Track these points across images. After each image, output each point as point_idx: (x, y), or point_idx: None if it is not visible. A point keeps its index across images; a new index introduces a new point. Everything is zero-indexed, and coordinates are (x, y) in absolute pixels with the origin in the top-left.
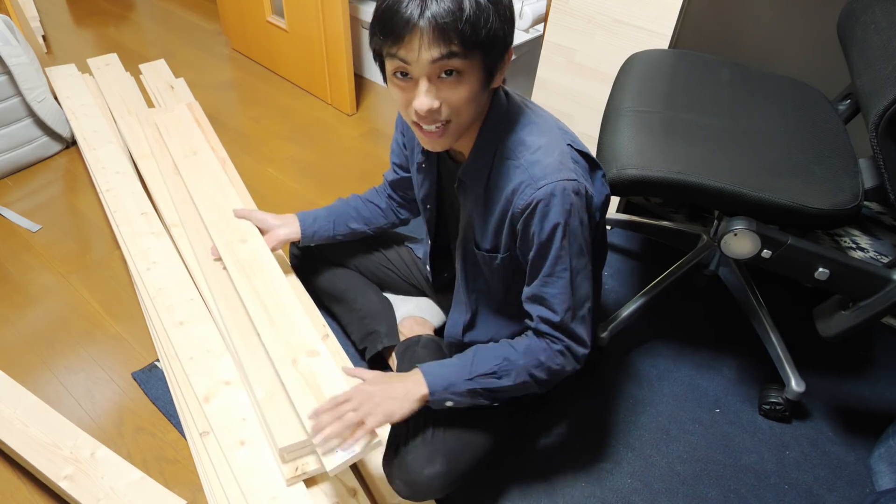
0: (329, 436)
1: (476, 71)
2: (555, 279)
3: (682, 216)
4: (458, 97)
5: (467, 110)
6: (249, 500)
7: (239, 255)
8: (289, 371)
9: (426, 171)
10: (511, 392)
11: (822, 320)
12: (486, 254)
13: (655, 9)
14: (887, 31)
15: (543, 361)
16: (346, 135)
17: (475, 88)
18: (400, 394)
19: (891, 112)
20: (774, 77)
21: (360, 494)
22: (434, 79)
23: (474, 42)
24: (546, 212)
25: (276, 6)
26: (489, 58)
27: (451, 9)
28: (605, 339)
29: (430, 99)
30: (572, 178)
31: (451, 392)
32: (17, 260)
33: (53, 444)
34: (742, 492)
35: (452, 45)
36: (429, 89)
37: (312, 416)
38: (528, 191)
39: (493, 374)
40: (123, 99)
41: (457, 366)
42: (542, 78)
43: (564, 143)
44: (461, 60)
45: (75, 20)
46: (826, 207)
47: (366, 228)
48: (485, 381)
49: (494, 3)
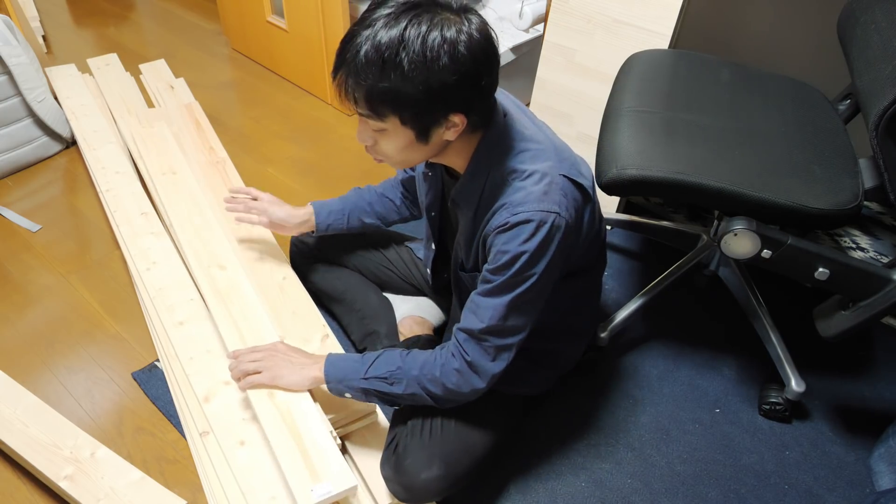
0: (232, 373)
1: (399, 130)
2: (496, 297)
3: (682, 216)
4: (389, 147)
5: (403, 156)
6: (249, 500)
7: (217, 283)
8: (265, 404)
9: (431, 180)
10: (404, 400)
11: (822, 320)
12: (469, 274)
13: (655, 9)
14: (887, 31)
15: (438, 377)
16: (346, 135)
17: (403, 143)
18: (297, 367)
19: (891, 112)
20: (774, 77)
21: (361, 494)
22: (364, 122)
23: (381, 106)
24: (514, 236)
25: (276, 6)
26: (407, 122)
27: (362, 65)
28: (605, 339)
29: (363, 138)
30: (553, 211)
31: (345, 385)
32: (17, 260)
33: (53, 444)
34: (742, 492)
35: (360, 106)
36: (361, 129)
37: (230, 356)
38: (504, 214)
39: (386, 379)
40: (123, 99)
41: (358, 363)
42: (542, 78)
43: (557, 174)
44: (375, 121)
45: (75, 20)
46: (826, 207)
47: (378, 223)
48: (377, 384)
49: (416, 62)
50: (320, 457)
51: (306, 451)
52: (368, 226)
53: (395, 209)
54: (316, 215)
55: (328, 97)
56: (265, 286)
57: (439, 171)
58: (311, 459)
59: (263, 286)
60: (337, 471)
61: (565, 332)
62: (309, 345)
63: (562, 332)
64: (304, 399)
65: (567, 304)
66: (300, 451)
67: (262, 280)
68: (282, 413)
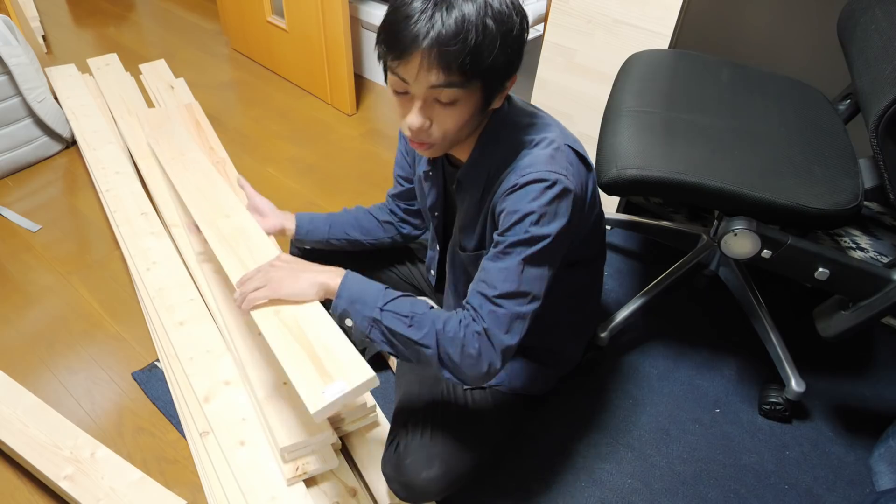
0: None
1: (473, 98)
2: (507, 258)
3: (682, 216)
4: (451, 122)
5: (458, 132)
6: (249, 500)
7: (222, 230)
8: (270, 321)
9: (433, 178)
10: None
11: (822, 320)
12: (471, 254)
13: (655, 9)
14: (887, 31)
15: (460, 337)
16: (346, 135)
17: (469, 114)
18: (304, 273)
19: (891, 112)
20: (774, 77)
21: (361, 494)
22: (429, 101)
23: (475, 73)
24: (523, 196)
25: (276, 6)
26: (489, 87)
27: (456, 35)
28: (605, 339)
29: (420, 119)
30: (561, 173)
31: (355, 307)
32: (17, 260)
33: (53, 444)
34: (742, 492)
35: (452, 74)
36: (422, 109)
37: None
38: (514, 177)
39: (406, 317)
40: (123, 99)
41: (379, 291)
42: (542, 78)
43: (563, 143)
44: (459, 90)
45: (75, 20)
46: (826, 208)
47: (363, 238)
48: (393, 320)
49: (504, 33)
50: (331, 357)
51: (316, 355)
52: (352, 241)
53: (379, 226)
54: (297, 219)
55: (328, 97)
56: None
57: (440, 168)
58: (322, 362)
59: None
60: (349, 366)
61: (566, 329)
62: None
63: (563, 329)
64: (312, 307)
65: (567, 298)
66: (309, 356)
67: None
68: (287, 325)
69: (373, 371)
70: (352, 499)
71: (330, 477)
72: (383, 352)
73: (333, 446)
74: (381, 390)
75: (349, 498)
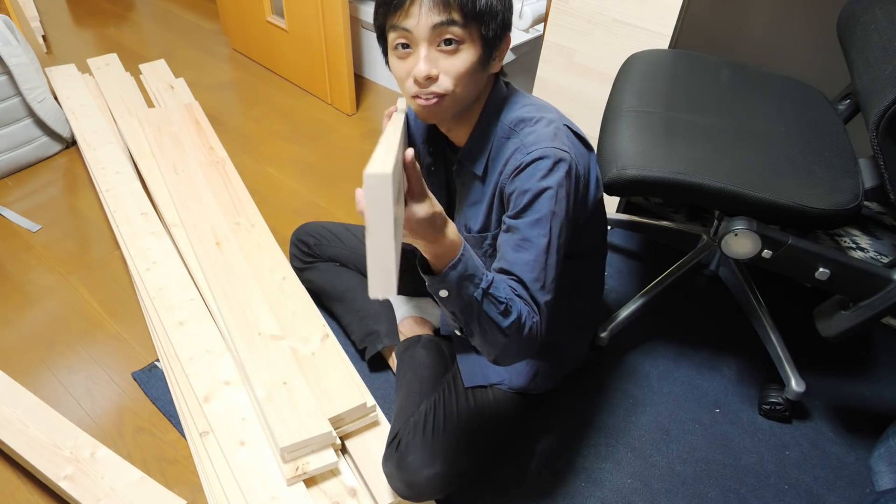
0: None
1: (474, 43)
2: (530, 244)
3: (682, 216)
4: (457, 68)
5: (464, 84)
6: (249, 500)
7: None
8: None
9: (435, 173)
10: (485, 332)
11: (822, 320)
12: (476, 235)
13: (655, 9)
14: (888, 31)
15: (526, 330)
16: (346, 135)
17: (473, 62)
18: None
19: (891, 112)
20: (774, 77)
21: (361, 494)
22: (434, 46)
23: (473, 12)
24: (534, 172)
25: (276, 6)
26: (487, 31)
27: None
28: (605, 339)
29: (428, 65)
30: (565, 150)
31: (464, 283)
32: (17, 260)
33: (53, 444)
34: (742, 492)
35: (452, 11)
36: (428, 55)
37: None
38: (519, 155)
39: (502, 304)
40: (123, 99)
41: (483, 274)
42: (542, 78)
43: (562, 122)
44: (460, 29)
45: (75, 20)
46: (827, 207)
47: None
48: (489, 306)
49: None
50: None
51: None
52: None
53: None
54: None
55: (328, 97)
56: (265, 286)
57: (442, 162)
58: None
59: (263, 286)
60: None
61: (567, 326)
62: (309, 345)
63: (564, 325)
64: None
65: (569, 294)
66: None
67: (262, 280)
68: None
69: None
70: (352, 499)
71: (330, 477)
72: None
73: (333, 446)
74: (380, 390)
75: (349, 498)
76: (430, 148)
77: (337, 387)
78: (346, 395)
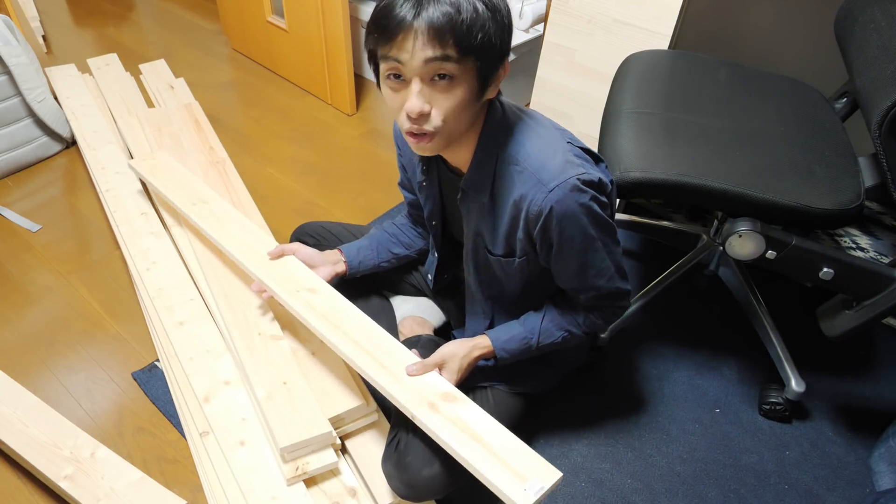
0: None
1: (469, 78)
2: (592, 267)
3: (682, 216)
4: (450, 103)
5: (457, 118)
6: (249, 500)
7: (317, 308)
8: (432, 417)
9: (427, 188)
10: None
11: (826, 320)
12: (501, 258)
13: (655, 9)
14: (887, 30)
15: (600, 323)
16: (346, 135)
17: (467, 96)
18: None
19: (894, 112)
20: (772, 76)
21: (361, 494)
22: (426, 81)
23: (469, 47)
24: (562, 213)
25: (276, 6)
26: (483, 65)
27: (448, 11)
28: (605, 339)
29: (421, 101)
30: (581, 172)
31: (515, 358)
32: (17, 260)
33: (53, 444)
34: (742, 492)
35: (448, 47)
36: (421, 91)
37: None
38: (539, 196)
39: (558, 344)
40: (123, 99)
41: (523, 341)
42: (542, 78)
43: (564, 142)
44: (455, 65)
45: (75, 20)
46: (830, 207)
47: (408, 252)
48: (547, 349)
49: (493, 10)
50: (515, 457)
51: (497, 453)
52: (400, 257)
53: (418, 234)
54: (346, 255)
55: (328, 97)
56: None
57: (435, 177)
58: (509, 463)
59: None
60: (537, 466)
61: None
62: (309, 344)
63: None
64: (479, 411)
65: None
66: (498, 459)
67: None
68: (454, 422)
69: (559, 472)
70: (352, 499)
71: (330, 477)
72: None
73: (333, 446)
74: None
75: (349, 498)
76: (423, 166)
77: (337, 387)
78: (346, 395)
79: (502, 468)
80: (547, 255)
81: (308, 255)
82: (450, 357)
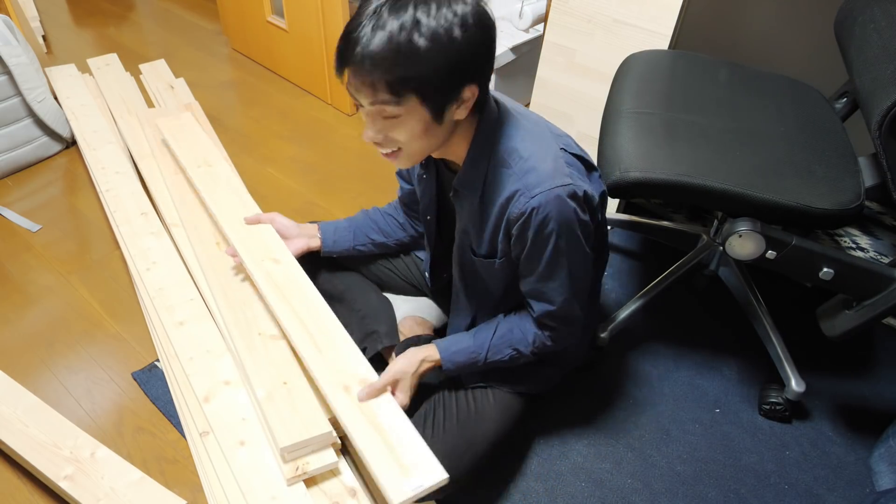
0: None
1: (415, 112)
2: (553, 280)
3: (682, 216)
4: (402, 135)
5: (417, 142)
6: (249, 500)
7: (274, 278)
8: (342, 399)
9: (426, 182)
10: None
11: (826, 320)
12: (483, 259)
13: (655, 9)
14: (887, 30)
15: (549, 345)
16: (346, 135)
17: (419, 127)
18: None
19: (894, 112)
20: (772, 76)
21: (360, 494)
22: (374, 115)
23: (405, 89)
24: (541, 219)
25: (276, 6)
26: (429, 101)
27: (379, 54)
28: (605, 339)
29: (372, 133)
30: (567, 183)
31: (464, 373)
32: (17, 260)
33: (53, 444)
34: (742, 492)
35: (379, 92)
36: (373, 123)
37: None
38: (523, 199)
39: (507, 361)
40: (123, 99)
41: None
42: (542, 78)
43: (557, 148)
44: (394, 107)
45: (75, 20)
46: (830, 207)
47: (386, 240)
48: (494, 366)
49: (438, 49)
50: (405, 450)
51: (392, 445)
52: (377, 243)
53: (400, 226)
54: (322, 232)
55: (328, 97)
56: None
57: (433, 172)
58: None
59: None
60: (423, 464)
61: None
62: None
63: None
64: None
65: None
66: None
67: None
68: (360, 407)
69: (446, 474)
70: (352, 499)
71: (330, 477)
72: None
73: (333, 446)
74: None
75: (349, 498)
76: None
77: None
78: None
79: (390, 459)
80: (519, 254)
81: (284, 226)
82: (401, 376)
